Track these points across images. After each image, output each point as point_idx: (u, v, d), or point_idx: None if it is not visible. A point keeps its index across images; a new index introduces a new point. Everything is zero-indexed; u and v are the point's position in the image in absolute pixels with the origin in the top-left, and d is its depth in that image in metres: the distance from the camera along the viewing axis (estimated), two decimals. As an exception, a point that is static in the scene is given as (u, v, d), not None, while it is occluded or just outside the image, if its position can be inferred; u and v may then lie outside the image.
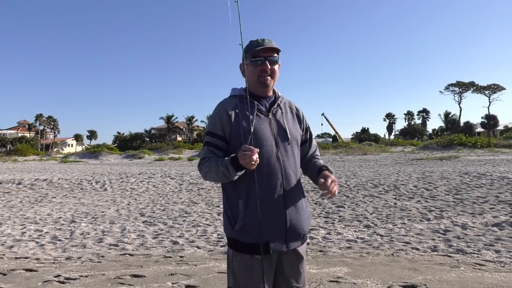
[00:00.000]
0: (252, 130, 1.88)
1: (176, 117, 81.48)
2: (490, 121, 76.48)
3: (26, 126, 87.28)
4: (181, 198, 10.42)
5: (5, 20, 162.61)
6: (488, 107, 79.05)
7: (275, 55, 1.99)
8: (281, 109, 2.04)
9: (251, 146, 1.74)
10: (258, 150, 1.74)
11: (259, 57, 1.95)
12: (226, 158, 1.84)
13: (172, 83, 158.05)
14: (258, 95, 2.02)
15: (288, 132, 1.98)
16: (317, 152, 2.20)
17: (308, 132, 2.17)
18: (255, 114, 1.95)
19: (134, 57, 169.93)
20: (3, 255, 5.38)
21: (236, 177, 1.83)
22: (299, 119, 2.12)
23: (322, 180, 1.88)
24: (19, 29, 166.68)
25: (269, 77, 1.97)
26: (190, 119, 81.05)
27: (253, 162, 1.72)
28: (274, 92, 2.09)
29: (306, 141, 2.14)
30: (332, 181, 1.89)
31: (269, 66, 1.96)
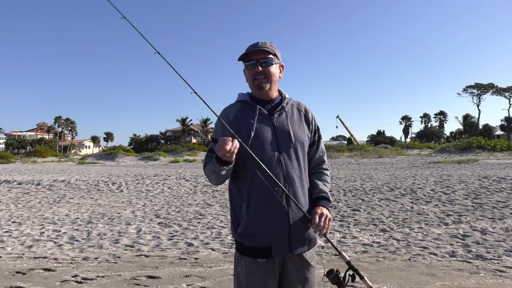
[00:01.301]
0: (252, 134, 1.86)
1: (191, 120, 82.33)
2: (510, 123, 74.58)
3: (45, 128, 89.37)
4: (195, 200, 10.48)
5: (26, 24, 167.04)
6: (508, 110, 77.20)
7: (270, 56, 1.93)
8: (285, 111, 1.98)
9: (225, 137, 1.71)
10: (231, 139, 1.70)
11: (251, 61, 1.93)
12: None
13: (187, 86, 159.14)
14: (262, 98, 1.98)
15: (292, 135, 1.93)
16: (324, 158, 2.09)
17: (317, 135, 2.07)
18: (256, 118, 1.92)
19: (150, 60, 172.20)
20: (23, 254, 5.50)
21: (223, 172, 1.80)
22: (308, 120, 2.04)
23: (310, 223, 1.87)
24: (41, 33, 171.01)
25: (263, 80, 1.92)
26: (204, 122, 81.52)
27: (227, 154, 1.70)
28: (280, 94, 2.05)
29: (313, 144, 2.05)
30: (322, 218, 1.85)
31: (261, 69, 1.91)
